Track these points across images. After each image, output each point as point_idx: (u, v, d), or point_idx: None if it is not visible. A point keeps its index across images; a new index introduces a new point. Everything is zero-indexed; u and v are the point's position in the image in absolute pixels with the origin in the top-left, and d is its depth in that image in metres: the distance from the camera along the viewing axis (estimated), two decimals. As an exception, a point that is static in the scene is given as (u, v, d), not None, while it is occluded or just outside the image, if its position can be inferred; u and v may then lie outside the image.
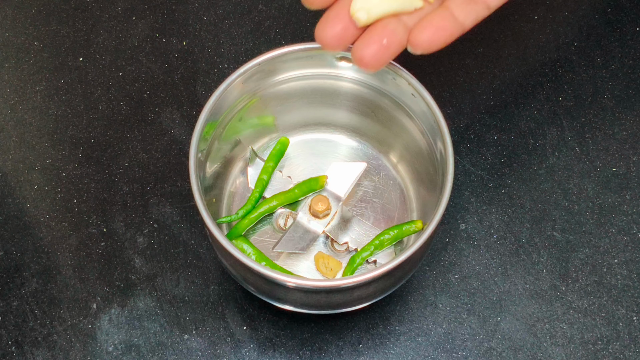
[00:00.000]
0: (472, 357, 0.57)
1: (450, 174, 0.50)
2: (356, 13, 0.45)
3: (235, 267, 0.51)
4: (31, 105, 0.64)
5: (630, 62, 0.65)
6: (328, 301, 0.51)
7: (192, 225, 0.60)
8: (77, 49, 0.66)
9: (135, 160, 0.62)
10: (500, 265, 0.59)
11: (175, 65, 0.65)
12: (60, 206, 0.61)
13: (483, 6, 0.47)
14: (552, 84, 0.65)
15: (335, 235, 0.57)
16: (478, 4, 0.47)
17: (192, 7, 0.68)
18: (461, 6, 0.46)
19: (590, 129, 0.63)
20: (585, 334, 0.58)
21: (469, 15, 0.46)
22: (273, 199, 0.57)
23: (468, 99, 0.64)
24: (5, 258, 0.59)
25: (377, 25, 0.46)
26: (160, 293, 0.59)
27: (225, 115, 0.54)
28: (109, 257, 0.60)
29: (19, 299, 0.58)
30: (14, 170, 0.62)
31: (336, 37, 0.45)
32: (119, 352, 0.57)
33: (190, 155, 0.50)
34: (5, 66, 0.65)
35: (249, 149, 0.59)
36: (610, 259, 0.60)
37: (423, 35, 0.45)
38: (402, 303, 0.58)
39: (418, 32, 0.45)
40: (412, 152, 0.57)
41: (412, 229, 0.56)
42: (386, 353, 0.57)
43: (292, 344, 0.57)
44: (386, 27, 0.45)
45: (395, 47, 0.46)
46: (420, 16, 0.46)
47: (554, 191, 0.61)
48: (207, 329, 0.58)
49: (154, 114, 0.64)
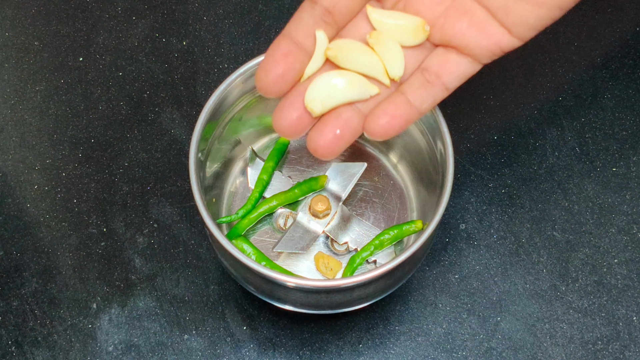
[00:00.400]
0: (472, 357, 0.57)
1: (450, 174, 0.50)
2: (310, 104, 0.44)
3: (235, 267, 0.51)
4: (31, 105, 0.64)
5: (630, 62, 0.65)
6: (328, 301, 0.51)
7: (192, 225, 0.60)
8: (77, 49, 0.66)
9: (135, 160, 0.62)
10: (500, 265, 0.59)
11: (175, 65, 0.65)
12: (60, 206, 0.61)
13: (441, 88, 0.46)
14: (552, 84, 0.65)
15: (335, 235, 0.57)
16: (435, 86, 0.45)
17: (192, 7, 0.68)
18: (418, 91, 0.45)
19: (590, 129, 0.63)
20: (585, 334, 0.58)
21: (426, 100, 0.45)
22: (273, 199, 0.57)
23: (468, 99, 0.64)
24: (5, 258, 0.59)
25: (331, 115, 0.45)
26: (160, 293, 0.59)
27: (225, 115, 0.54)
28: (109, 257, 0.60)
29: (19, 299, 0.58)
30: (14, 170, 0.62)
31: (292, 126, 0.45)
32: (119, 352, 0.57)
33: (190, 155, 0.50)
34: (5, 66, 0.65)
35: (249, 149, 0.59)
36: (610, 259, 0.60)
37: (378, 123, 0.44)
38: (402, 303, 0.58)
39: (373, 120, 0.44)
40: (412, 152, 0.57)
41: (412, 229, 0.56)
42: (386, 353, 0.57)
43: (292, 344, 0.57)
44: (340, 117, 0.45)
45: (349, 136, 0.45)
46: (377, 101, 0.45)
47: (554, 191, 0.61)
48: (207, 329, 0.58)
49: (154, 114, 0.64)
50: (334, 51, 0.45)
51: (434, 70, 0.45)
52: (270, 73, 0.44)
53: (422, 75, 0.46)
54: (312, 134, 0.45)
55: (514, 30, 0.44)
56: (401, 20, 0.45)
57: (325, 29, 0.45)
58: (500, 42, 0.45)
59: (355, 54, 0.45)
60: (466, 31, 0.44)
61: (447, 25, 0.45)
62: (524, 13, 0.44)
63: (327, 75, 0.45)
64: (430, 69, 0.45)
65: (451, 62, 0.45)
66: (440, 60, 0.45)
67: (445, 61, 0.45)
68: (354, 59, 0.45)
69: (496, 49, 0.45)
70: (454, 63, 0.45)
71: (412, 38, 0.46)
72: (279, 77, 0.44)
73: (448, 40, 0.45)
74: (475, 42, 0.44)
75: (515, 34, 0.44)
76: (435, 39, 0.46)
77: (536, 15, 0.44)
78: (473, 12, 0.44)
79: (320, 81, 0.45)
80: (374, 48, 0.45)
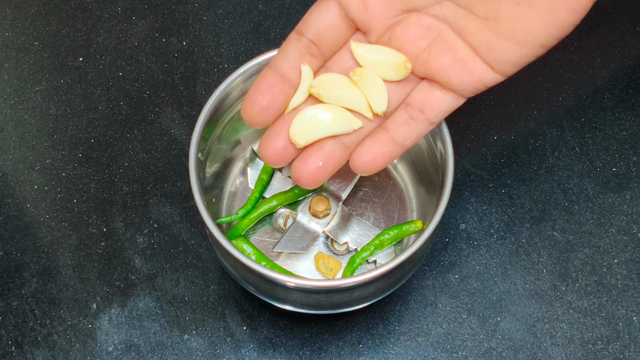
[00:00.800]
0: (472, 357, 0.57)
1: (450, 174, 0.50)
2: (294, 136, 0.46)
3: (235, 267, 0.51)
4: (31, 105, 0.64)
5: (630, 62, 0.65)
6: (328, 301, 0.51)
7: (192, 225, 0.60)
8: (77, 49, 0.66)
9: (135, 160, 0.62)
10: (500, 265, 0.59)
11: (175, 65, 0.65)
12: (60, 206, 0.61)
13: (425, 123, 0.47)
14: (552, 84, 0.65)
15: (335, 235, 0.57)
16: (419, 122, 0.46)
17: (192, 7, 0.68)
18: (401, 128, 0.46)
19: (590, 129, 0.63)
20: (585, 334, 0.58)
21: (409, 136, 0.46)
22: (273, 199, 0.57)
23: (468, 99, 0.64)
24: (5, 258, 0.60)
25: (315, 147, 0.46)
26: (160, 293, 0.59)
27: (225, 115, 0.54)
28: (109, 257, 0.60)
29: (19, 299, 0.58)
30: (14, 170, 0.62)
31: (278, 155, 0.46)
32: (119, 352, 0.57)
33: (190, 155, 0.50)
34: (5, 66, 0.65)
35: (249, 149, 0.59)
36: (610, 259, 0.60)
37: (362, 161, 0.46)
38: (402, 303, 0.58)
39: (357, 158, 0.46)
40: (412, 152, 0.57)
41: (412, 229, 0.56)
42: (386, 353, 0.57)
43: (292, 344, 0.57)
44: (322, 149, 0.46)
45: (332, 167, 0.46)
46: (360, 134, 0.47)
47: (554, 191, 0.61)
48: (207, 329, 0.58)
49: (154, 114, 0.64)
50: (317, 88, 0.46)
51: (417, 106, 0.46)
52: (256, 105, 0.45)
53: (405, 111, 0.47)
54: (296, 164, 0.46)
55: (497, 67, 0.45)
56: (384, 56, 0.46)
57: (311, 61, 0.46)
58: (483, 78, 0.45)
59: (338, 90, 0.46)
60: (449, 66, 0.45)
61: (430, 60, 0.46)
62: (506, 51, 0.44)
63: (312, 109, 0.46)
64: (414, 104, 0.46)
65: (434, 98, 0.46)
66: (424, 96, 0.46)
67: (428, 97, 0.46)
68: (337, 95, 0.46)
69: (478, 84, 0.45)
70: (437, 99, 0.46)
71: (394, 74, 0.46)
72: (263, 108, 0.45)
73: (431, 75, 0.46)
74: (458, 78, 0.45)
75: (497, 71, 0.45)
76: (419, 72, 0.46)
77: (519, 54, 0.44)
78: (456, 48, 0.45)
79: (305, 115, 0.46)
80: (358, 84, 0.46)
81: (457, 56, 0.45)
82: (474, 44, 0.44)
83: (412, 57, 0.46)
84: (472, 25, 0.44)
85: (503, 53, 0.44)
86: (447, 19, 0.45)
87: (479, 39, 0.44)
